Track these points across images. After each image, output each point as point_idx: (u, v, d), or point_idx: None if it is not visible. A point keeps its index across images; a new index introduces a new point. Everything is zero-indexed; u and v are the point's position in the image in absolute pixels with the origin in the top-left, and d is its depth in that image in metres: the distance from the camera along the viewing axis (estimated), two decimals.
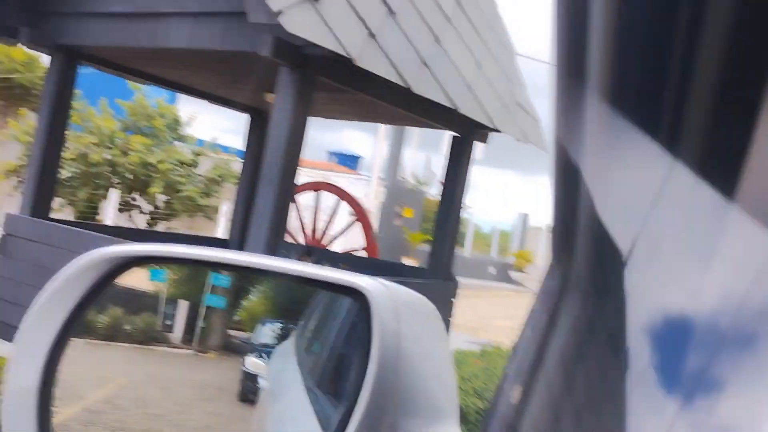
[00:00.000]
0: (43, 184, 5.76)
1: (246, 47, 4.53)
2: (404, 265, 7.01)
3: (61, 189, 17.00)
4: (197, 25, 4.90)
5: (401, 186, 17.88)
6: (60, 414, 0.97)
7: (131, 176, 18.14)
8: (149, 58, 5.83)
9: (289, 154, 4.55)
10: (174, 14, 5.01)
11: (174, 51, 5.13)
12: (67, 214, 17.57)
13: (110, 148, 17.40)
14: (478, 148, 6.69)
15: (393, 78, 4.65)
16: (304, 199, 8.32)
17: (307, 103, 4.62)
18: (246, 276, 1.19)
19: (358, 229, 7.63)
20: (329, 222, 8.11)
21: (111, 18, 5.34)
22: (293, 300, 1.23)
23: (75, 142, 16.96)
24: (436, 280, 6.09)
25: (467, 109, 5.41)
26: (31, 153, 5.72)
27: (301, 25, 3.99)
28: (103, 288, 0.97)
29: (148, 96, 19.01)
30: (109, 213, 17.93)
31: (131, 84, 17.59)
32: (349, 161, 32.00)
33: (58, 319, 0.96)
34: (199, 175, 19.77)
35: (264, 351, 1.22)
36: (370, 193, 19.30)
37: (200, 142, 20.57)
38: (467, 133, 6.06)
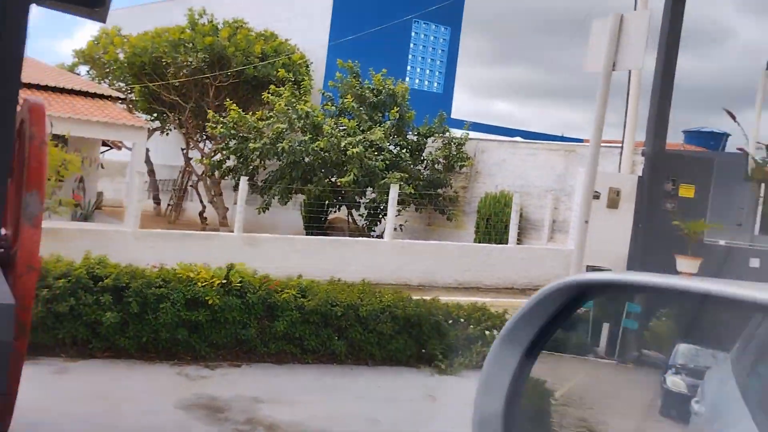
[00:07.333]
0: None
1: None
2: None
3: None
4: None
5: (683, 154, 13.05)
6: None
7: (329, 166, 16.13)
8: None
9: None
10: None
11: None
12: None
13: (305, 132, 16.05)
14: None
15: None
16: None
17: None
18: (667, 300, 1.28)
19: None
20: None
21: None
22: (714, 323, 1.28)
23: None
24: None
25: None
26: None
27: None
28: (568, 314, 1.14)
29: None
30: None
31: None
32: (712, 141, 22.14)
33: (521, 344, 1.13)
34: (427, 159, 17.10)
35: (683, 371, 1.36)
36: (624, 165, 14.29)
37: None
38: None
